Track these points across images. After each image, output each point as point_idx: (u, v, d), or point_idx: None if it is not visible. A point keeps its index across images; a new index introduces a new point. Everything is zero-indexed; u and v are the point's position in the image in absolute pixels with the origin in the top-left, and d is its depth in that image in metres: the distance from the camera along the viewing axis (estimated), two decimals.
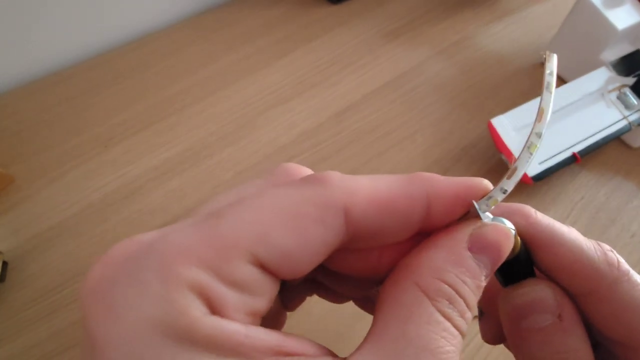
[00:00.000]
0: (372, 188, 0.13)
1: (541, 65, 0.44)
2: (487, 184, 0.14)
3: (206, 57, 0.48)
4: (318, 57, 0.48)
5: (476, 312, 0.13)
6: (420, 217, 0.13)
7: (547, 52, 0.14)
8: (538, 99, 0.43)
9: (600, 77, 0.38)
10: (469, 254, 0.13)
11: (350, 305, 0.19)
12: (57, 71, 0.46)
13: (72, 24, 0.46)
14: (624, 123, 0.36)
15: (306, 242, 0.12)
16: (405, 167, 0.38)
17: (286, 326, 0.30)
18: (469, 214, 0.14)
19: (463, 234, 0.13)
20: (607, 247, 0.14)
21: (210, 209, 0.13)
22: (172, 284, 0.10)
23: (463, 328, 0.12)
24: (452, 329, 0.12)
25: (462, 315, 0.12)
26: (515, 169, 0.13)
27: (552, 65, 0.13)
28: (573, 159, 0.35)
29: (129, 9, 0.49)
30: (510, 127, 0.36)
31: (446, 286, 0.12)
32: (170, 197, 0.37)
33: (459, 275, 0.12)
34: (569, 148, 0.35)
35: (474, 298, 0.12)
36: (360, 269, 0.14)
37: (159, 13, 0.51)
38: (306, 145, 0.40)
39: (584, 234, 0.15)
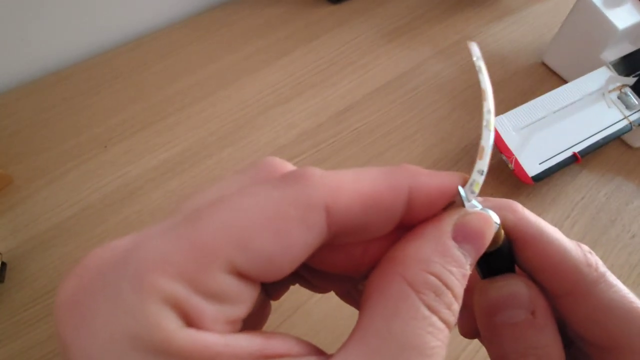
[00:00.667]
0: (355, 183, 0.12)
1: (542, 65, 0.44)
2: (466, 176, 0.14)
3: (206, 57, 0.47)
4: (318, 57, 0.48)
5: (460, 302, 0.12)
6: (403, 210, 0.13)
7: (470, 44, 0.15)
8: (539, 99, 0.42)
9: (601, 77, 0.38)
10: (453, 243, 0.13)
11: (350, 306, 0.19)
12: (56, 71, 0.46)
13: (71, 24, 0.46)
14: (624, 123, 0.36)
15: (287, 245, 0.11)
16: None
17: (286, 326, 0.30)
18: (454, 204, 0.13)
19: (447, 223, 0.13)
20: (586, 248, 0.15)
21: (190, 207, 0.13)
22: (146, 297, 0.10)
23: (450, 320, 0.12)
24: (439, 323, 0.11)
25: (449, 307, 0.12)
26: (482, 148, 0.13)
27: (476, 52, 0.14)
28: (573, 159, 0.35)
29: (128, 9, 0.49)
30: (510, 127, 0.36)
31: (432, 277, 0.12)
32: (170, 197, 0.37)
33: (445, 266, 0.12)
34: (570, 148, 0.35)
35: (460, 288, 0.12)
36: (342, 265, 0.14)
37: (158, 13, 0.51)
38: (306, 146, 0.40)
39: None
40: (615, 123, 0.36)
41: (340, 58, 0.47)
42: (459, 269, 0.12)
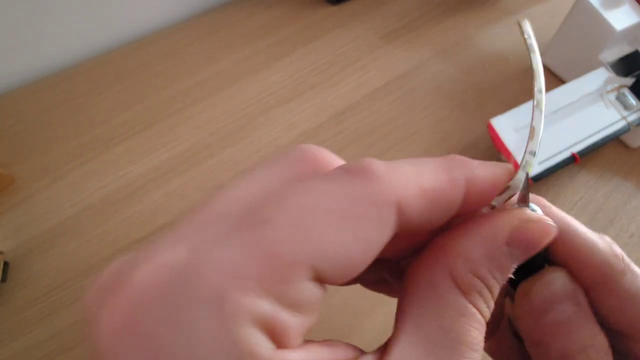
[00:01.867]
0: (418, 177, 0.12)
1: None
2: (511, 166, 0.13)
3: (206, 58, 0.48)
4: (318, 58, 0.48)
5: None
6: (461, 202, 0.13)
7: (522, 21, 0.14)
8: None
9: (599, 77, 0.38)
10: (506, 249, 0.12)
11: (356, 304, 0.19)
12: (58, 72, 0.47)
13: (72, 25, 0.47)
14: (622, 123, 0.37)
15: (365, 245, 0.11)
16: None
17: None
18: (506, 192, 0.13)
19: (505, 226, 0.12)
20: (609, 239, 0.15)
21: (226, 203, 0.12)
22: (232, 321, 0.09)
23: (487, 316, 0.12)
24: (480, 318, 0.12)
25: (487, 305, 0.12)
26: (533, 129, 0.13)
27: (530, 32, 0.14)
28: (572, 160, 0.35)
29: (129, 10, 0.49)
30: (510, 127, 0.36)
31: (478, 281, 0.12)
32: (171, 197, 0.37)
33: (491, 271, 0.12)
34: (568, 148, 0.35)
35: (498, 288, 0.13)
36: (387, 252, 0.13)
37: (159, 14, 0.52)
38: None
39: None
40: (614, 123, 0.37)
41: (340, 59, 0.48)
42: (502, 275, 0.12)
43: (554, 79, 0.45)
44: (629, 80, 0.38)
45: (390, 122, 0.42)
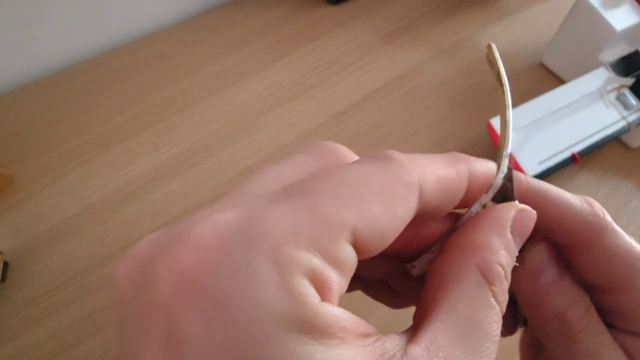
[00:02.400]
0: (433, 167, 0.13)
1: (541, 65, 0.44)
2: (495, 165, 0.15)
3: (206, 58, 0.48)
4: (318, 57, 0.48)
5: None
6: (464, 193, 0.14)
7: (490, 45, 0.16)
8: (538, 99, 0.42)
9: (599, 77, 0.38)
10: (512, 237, 0.14)
11: (356, 306, 0.19)
12: (58, 72, 0.47)
13: (72, 25, 0.47)
14: (622, 123, 0.37)
15: (394, 219, 0.12)
16: None
17: None
18: (493, 198, 0.15)
19: (507, 219, 0.14)
20: (593, 201, 0.15)
21: (259, 188, 0.12)
22: (286, 272, 0.10)
23: (504, 307, 0.13)
24: (499, 311, 0.13)
25: (504, 295, 0.13)
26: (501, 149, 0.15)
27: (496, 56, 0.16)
28: (572, 160, 0.35)
29: (129, 10, 0.49)
30: (510, 127, 0.36)
31: (500, 268, 0.13)
32: (171, 197, 0.37)
33: (507, 258, 0.13)
34: (568, 148, 0.35)
35: (510, 276, 0.13)
36: (397, 242, 0.14)
37: (159, 14, 0.52)
38: None
39: None
40: (614, 123, 0.37)
41: (340, 59, 0.48)
42: (513, 260, 0.14)
43: (554, 80, 0.45)
44: (629, 80, 0.38)
45: (390, 122, 0.42)
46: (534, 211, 0.14)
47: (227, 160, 0.39)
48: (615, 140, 0.39)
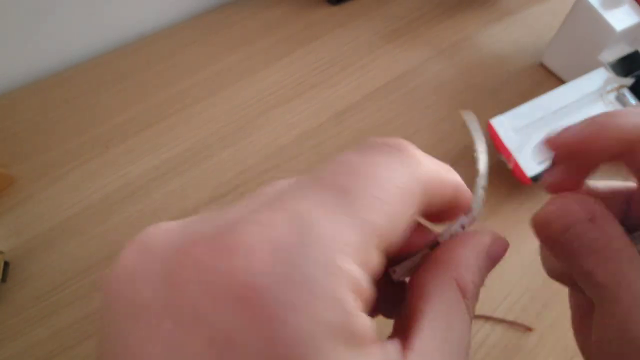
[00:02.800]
0: (438, 169, 0.13)
1: (541, 66, 0.44)
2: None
3: (206, 58, 0.48)
4: (318, 57, 0.48)
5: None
6: (448, 202, 0.14)
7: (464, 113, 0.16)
8: (538, 99, 0.42)
9: (599, 77, 0.38)
10: (486, 259, 0.14)
11: None
12: (58, 72, 0.47)
13: (72, 25, 0.47)
14: None
15: (406, 224, 0.11)
16: None
17: None
18: (471, 223, 0.15)
19: (485, 243, 0.14)
20: None
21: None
22: (339, 283, 0.10)
23: (470, 317, 0.13)
24: (470, 320, 0.13)
25: (473, 309, 0.13)
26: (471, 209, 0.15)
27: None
28: None
29: (129, 10, 0.49)
30: (510, 127, 0.36)
31: (473, 286, 0.13)
32: (171, 197, 0.37)
33: (481, 277, 0.14)
34: None
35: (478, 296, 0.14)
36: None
37: (159, 14, 0.52)
38: (306, 146, 0.40)
39: None
40: None
41: (340, 59, 0.48)
42: (482, 281, 0.14)
43: (554, 80, 0.46)
44: (629, 81, 0.38)
45: (390, 122, 0.42)
46: (507, 240, 0.15)
47: (227, 160, 0.39)
48: None
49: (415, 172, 0.12)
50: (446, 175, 0.13)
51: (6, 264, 0.32)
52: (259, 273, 0.10)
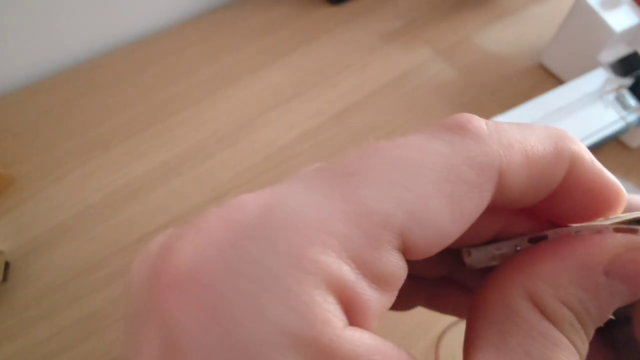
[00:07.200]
0: (524, 141, 0.10)
1: (540, 66, 0.44)
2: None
3: (206, 58, 0.48)
4: (318, 58, 0.48)
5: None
6: (557, 185, 0.11)
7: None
8: (537, 99, 0.43)
9: (598, 78, 0.38)
10: (604, 280, 0.10)
11: None
12: (58, 73, 0.47)
13: (73, 26, 0.47)
14: (621, 124, 0.37)
15: (459, 214, 0.09)
16: None
17: None
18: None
19: (604, 252, 0.10)
20: None
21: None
22: (306, 280, 0.08)
23: (583, 353, 0.10)
24: (575, 352, 0.09)
25: (583, 343, 0.10)
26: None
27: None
28: None
29: (128, 11, 0.49)
30: None
31: (569, 312, 0.10)
32: (171, 197, 0.37)
33: (583, 302, 0.10)
34: None
35: (593, 329, 0.10)
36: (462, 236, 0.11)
37: (159, 15, 0.52)
38: (306, 146, 0.40)
39: None
40: (613, 124, 0.37)
41: (340, 59, 0.48)
42: (599, 312, 0.10)
43: (553, 80, 0.46)
44: (628, 81, 0.38)
45: (390, 122, 0.42)
46: None
47: (227, 161, 0.39)
48: (614, 141, 0.39)
49: (474, 154, 0.09)
50: (542, 150, 0.10)
51: (7, 263, 0.32)
52: (204, 263, 0.08)
